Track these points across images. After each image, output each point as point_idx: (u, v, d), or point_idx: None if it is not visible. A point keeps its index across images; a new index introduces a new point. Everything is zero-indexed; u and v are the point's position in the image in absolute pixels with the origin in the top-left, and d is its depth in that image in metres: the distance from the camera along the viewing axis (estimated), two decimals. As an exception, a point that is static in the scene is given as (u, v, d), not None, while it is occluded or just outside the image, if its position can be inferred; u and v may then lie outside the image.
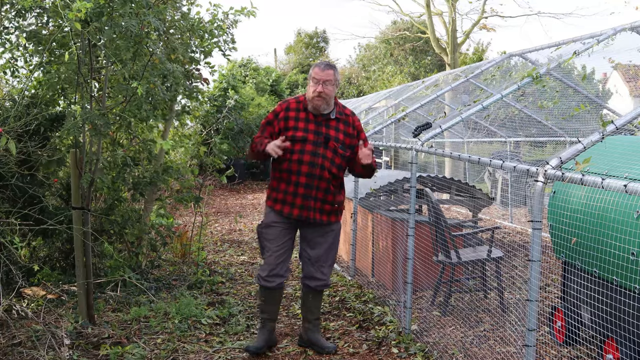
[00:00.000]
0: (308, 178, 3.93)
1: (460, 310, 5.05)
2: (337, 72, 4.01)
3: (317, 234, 4.09)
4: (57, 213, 4.77)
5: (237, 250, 7.94)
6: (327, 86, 3.91)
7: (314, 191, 3.95)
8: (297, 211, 3.98)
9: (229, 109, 14.72)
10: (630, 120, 3.06)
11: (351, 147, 4.04)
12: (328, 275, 4.17)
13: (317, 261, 4.10)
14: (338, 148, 3.98)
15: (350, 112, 4.13)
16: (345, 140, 4.03)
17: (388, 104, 10.23)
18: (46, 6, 4.32)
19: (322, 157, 3.94)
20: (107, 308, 4.99)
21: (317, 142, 3.95)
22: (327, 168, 3.95)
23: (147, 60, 4.35)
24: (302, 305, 4.29)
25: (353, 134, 4.07)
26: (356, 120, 4.13)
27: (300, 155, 3.93)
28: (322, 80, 3.91)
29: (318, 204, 3.99)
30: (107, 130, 4.25)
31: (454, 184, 6.56)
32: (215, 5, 5.76)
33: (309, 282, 4.15)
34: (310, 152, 3.93)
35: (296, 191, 3.96)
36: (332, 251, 4.16)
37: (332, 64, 4.11)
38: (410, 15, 22.01)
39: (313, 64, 4.34)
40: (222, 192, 14.74)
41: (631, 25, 4.62)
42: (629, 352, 3.30)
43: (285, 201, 4.00)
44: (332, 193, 4.02)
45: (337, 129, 4.01)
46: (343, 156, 4.01)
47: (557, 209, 4.04)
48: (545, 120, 8.29)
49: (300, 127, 3.98)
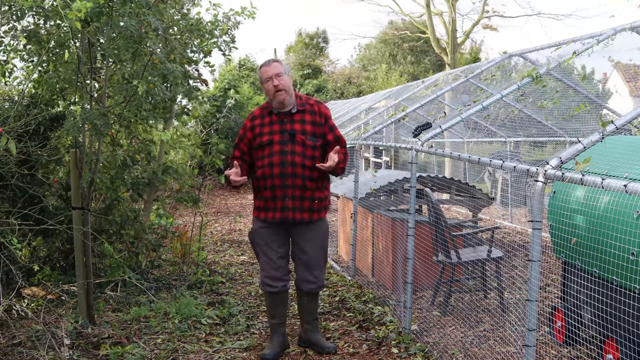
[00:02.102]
0: (281, 178, 3.91)
1: (460, 310, 5.05)
2: (282, 63, 4.00)
3: (305, 235, 4.04)
4: (57, 213, 4.77)
5: (237, 250, 7.94)
6: (280, 78, 3.89)
7: (289, 190, 3.92)
8: (279, 214, 3.97)
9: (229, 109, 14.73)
10: (630, 120, 3.05)
11: (322, 136, 4.01)
12: (321, 277, 4.14)
13: (309, 264, 4.07)
14: (306, 140, 3.94)
15: (314, 102, 4.09)
16: (315, 129, 3.98)
17: (388, 104, 10.22)
18: (46, 6, 4.31)
19: (291, 154, 3.91)
20: (107, 308, 4.99)
21: (284, 141, 3.93)
22: (300, 163, 3.91)
23: (147, 60, 4.35)
24: (299, 308, 4.28)
25: (321, 121, 4.02)
26: (322, 108, 4.08)
27: (269, 158, 3.92)
28: (273, 75, 3.90)
29: (297, 202, 3.94)
30: (107, 130, 4.25)
31: (454, 184, 6.56)
32: (215, 5, 5.75)
33: (302, 286, 4.12)
34: (278, 152, 3.92)
35: (274, 194, 3.94)
36: (322, 252, 4.12)
37: (275, 58, 4.12)
38: (410, 15, 22.03)
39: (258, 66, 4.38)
40: (222, 192, 14.74)
41: (631, 25, 4.62)
42: (629, 352, 3.30)
43: (267, 207, 3.99)
44: (310, 189, 3.95)
45: (303, 121, 3.98)
46: (314, 147, 3.96)
47: (557, 209, 4.04)
48: (545, 120, 8.28)
49: (265, 131, 3.97)
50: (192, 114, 6.56)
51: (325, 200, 4.10)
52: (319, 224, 4.08)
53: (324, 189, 4.08)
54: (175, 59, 5.22)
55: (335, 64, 32.92)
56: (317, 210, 4.04)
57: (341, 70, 31.63)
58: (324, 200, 4.08)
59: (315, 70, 29.47)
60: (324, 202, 4.08)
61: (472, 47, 27.19)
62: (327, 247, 4.19)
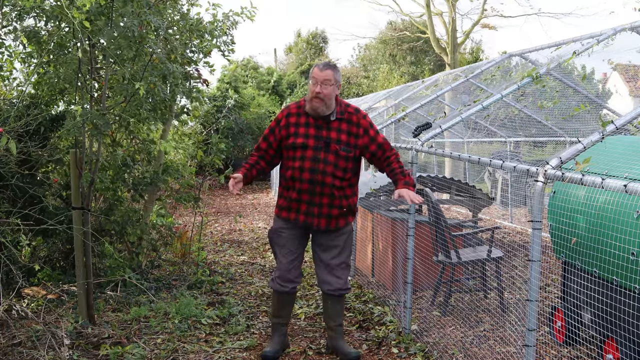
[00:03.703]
0: (310, 185, 3.84)
1: (460, 310, 5.05)
2: (337, 72, 3.87)
3: (327, 239, 3.98)
4: (57, 213, 4.77)
5: (237, 250, 7.95)
6: (325, 87, 3.78)
7: (317, 197, 3.85)
8: (303, 217, 3.91)
9: (229, 109, 14.73)
10: (630, 120, 3.06)
11: (357, 147, 3.90)
12: (344, 279, 4.02)
13: (329, 265, 3.99)
14: (340, 150, 3.85)
15: (354, 110, 3.94)
16: (350, 140, 3.87)
17: (388, 104, 10.22)
18: (46, 7, 4.31)
19: (323, 163, 3.82)
20: (107, 308, 4.99)
21: (318, 147, 3.84)
22: (330, 173, 3.82)
23: (147, 60, 4.35)
24: (324, 312, 4.18)
25: (358, 132, 3.90)
26: (361, 118, 3.93)
27: (301, 162, 3.84)
28: (320, 81, 3.78)
29: (324, 209, 3.87)
30: (107, 130, 4.25)
31: (454, 184, 6.56)
32: (214, 5, 5.75)
33: (323, 287, 4.03)
34: (311, 158, 3.83)
35: (300, 198, 3.88)
36: (344, 254, 4.02)
37: (333, 63, 3.98)
38: (410, 15, 22.03)
39: (314, 64, 4.26)
40: (222, 192, 14.73)
41: (631, 25, 4.62)
42: (629, 352, 3.30)
43: (291, 208, 3.93)
44: (338, 197, 3.87)
45: (339, 130, 3.87)
46: (347, 158, 3.86)
47: (557, 209, 4.04)
48: (545, 120, 8.29)
49: (300, 132, 3.88)
50: (192, 114, 6.56)
51: (353, 207, 4.00)
52: (344, 229, 3.99)
53: (352, 196, 3.98)
54: (176, 58, 5.23)
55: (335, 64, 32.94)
56: (344, 216, 3.96)
57: (341, 71, 31.59)
58: (352, 207, 3.98)
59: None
60: (351, 209, 3.99)
61: (473, 48, 27.20)
62: (350, 250, 4.08)
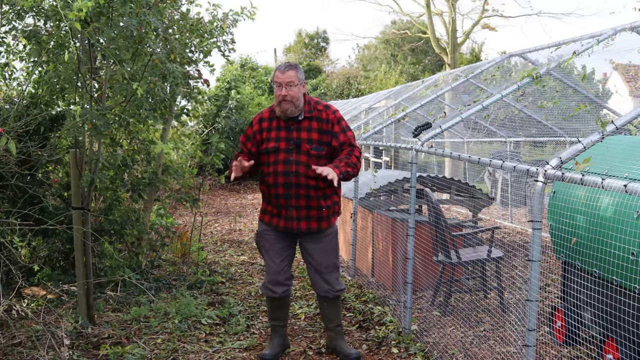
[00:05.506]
0: (285, 188, 3.80)
1: (460, 310, 5.05)
2: (299, 71, 3.82)
3: (311, 241, 3.95)
4: (57, 213, 4.77)
5: (237, 250, 7.95)
6: (290, 88, 3.74)
7: (293, 200, 3.81)
8: (283, 222, 3.88)
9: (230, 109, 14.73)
10: (630, 120, 3.05)
11: (328, 144, 3.87)
12: (335, 281, 4.01)
13: (318, 268, 3.98)
14: (311, 150, 3.79)
15: (323, 107, 3.90)
16: (322, 138, 3.83)
17: (388, 104, 10.22)
18: (45, 6, 4.31)
19: (295, 164, 3.78)
20: (107, 308, 4.99)
21: (289, 149, 3.81)
22: (303, 174, 3.77)
23: (147, 60, 4.35)
24: (321, 314, 4.19)
25: (328, 128, 3.85)
26: (330, 113, 3.88)
27: (274, 166, 3.82)
28: (284, 83, 3.74)
29: (302, 212, 3.83)
30: (107, 130, 4.25)
31: (454, 184, 6.56)
32: (214, 5, 5.76)
33: (316, 289, 4.04)
34: (283, 161, 3.80)
35: (278, 202, 3.85)
36: (331, 255, 3.99)
37: (294, 63, 3.92)
38: (410, 15, 22.00)
39: (275, 67, 4.20)
40: (222, 192, 14.73)
41: (631, 26, 4.62)
42: (629, 352, 3.30)
43: (272, 213, 3.92)
44: (315, 198, 3.82)
45: (310, 129, 3.83)
46: (319, 156, 3.81)
47: (557, 209, 4.04)
48: (545, 120, 8.29)
49: (272, 137, 3.86)
50: (192, 114, 6.56)
51: (333, 207, 3.95)
52: (327, 230, 3.95)
53: (332, 195, 3.92)
54: (176, 58, 5.23)
55: (335, 63, 32.97)
56: (325, 217, 3.90)
57: (340, 70, 31.65)
58: (332, 207, 3.92)
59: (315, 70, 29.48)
60: (332, 209, 3.93)
61: (473, 48, 27.21)
62: (337, 250, 4.05)
